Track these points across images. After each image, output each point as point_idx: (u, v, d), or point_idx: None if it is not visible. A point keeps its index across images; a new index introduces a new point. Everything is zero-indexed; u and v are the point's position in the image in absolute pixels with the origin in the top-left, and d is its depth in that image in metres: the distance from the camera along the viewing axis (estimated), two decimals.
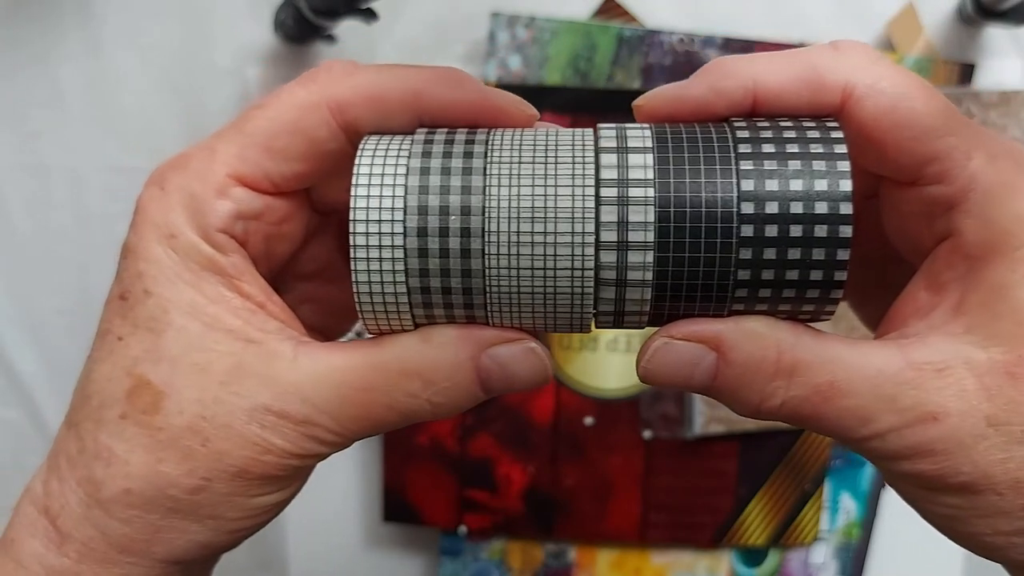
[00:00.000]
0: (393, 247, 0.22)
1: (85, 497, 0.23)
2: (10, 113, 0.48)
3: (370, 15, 0.43)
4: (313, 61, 0.48)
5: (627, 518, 0.48)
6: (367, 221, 0.22)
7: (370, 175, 0.22)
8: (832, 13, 0.48)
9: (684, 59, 0.47)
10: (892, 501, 0.50)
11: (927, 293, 0.23)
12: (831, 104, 0.22)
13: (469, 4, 0.47)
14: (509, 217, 0.21)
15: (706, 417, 0.47)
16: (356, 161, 0.22)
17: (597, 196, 0.21)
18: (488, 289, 0.22)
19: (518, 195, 0.21)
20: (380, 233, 0.22)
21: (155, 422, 0.23)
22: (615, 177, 0.21)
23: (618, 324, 0.23)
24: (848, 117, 0.22)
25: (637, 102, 0.24)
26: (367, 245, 0.22)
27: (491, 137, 0.23)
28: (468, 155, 0.22)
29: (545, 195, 0.21)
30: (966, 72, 0.47)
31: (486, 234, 0.21)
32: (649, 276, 0.21)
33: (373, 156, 0.22)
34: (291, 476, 0.24)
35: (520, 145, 0.22)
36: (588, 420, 0.47)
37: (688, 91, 0.23)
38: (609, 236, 0.21)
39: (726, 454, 0.48)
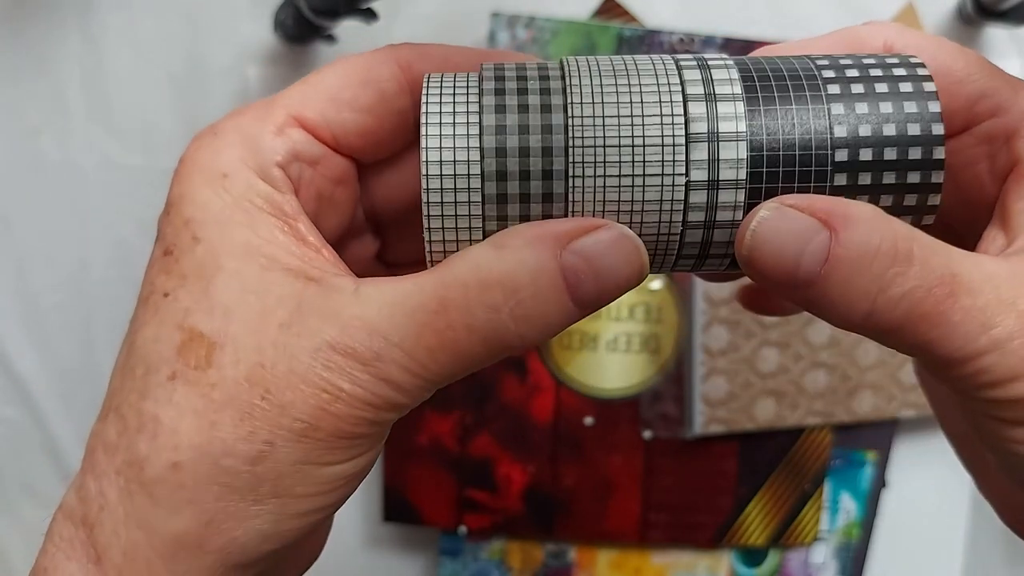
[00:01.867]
0: (468, 148, 0.20)
1: (126, 485, 0.20)
2: (10, 111, 0.48)
3: (370, 15, 0.43)
4: (313, 61, 0.48)
5: (627, 518, 0.48)
6: (440, 123, 0.20)
7: (441, 85, 0.21)
8: (832, 13, 0.48)
9: None
10: (892, 501, 0.50)
11: (1003, 232, 0.22)
12: None
13: (469, 4, 0.47)
14: (594, 114, 0.20)
15: (706, 417, 0.47)
16: (426, 78, 0.21)
17: (679, 73, 0.21)
18: (572, 187, 0.20)
19: (601, 89, 0.20)
20: (455, 135, 0.20)
21: (208, 377, 0.20)
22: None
23: (710, 221, 0.21)
24: None
25: None
26: (440, 147, 0.20)
27: (567, 67, 0.21)
28: (543, 67, 0.21)
29: (629, 84, 0.20)
30: None
31: (569, 128, 0.20)
32: (743, 152, 0.20)
33: (442, 77, 0.21)
34: (363, 436, 0.21)
35: (600, 75, 0.21)
36: (588, 420, 0.47)
37: None
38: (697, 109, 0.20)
39: (726, 454, 0.48)
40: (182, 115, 0.48)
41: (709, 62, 0.22)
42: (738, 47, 0.47)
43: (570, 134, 0.20)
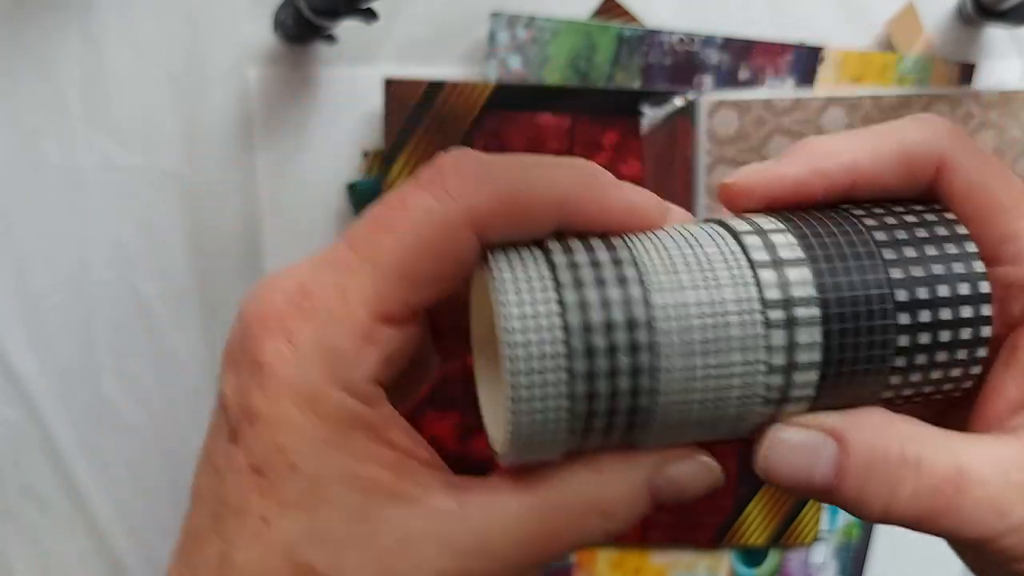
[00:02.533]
0: (557, 369, 0.20)
1: None
2: (10, 112, 0.48)
3: (370, 15, 0.43)
4: (313, 61, 0.48)
5: None
6: (526, 345, 0.20)
7: (518, 291, 0.21)
8: (832, 13, 0.48)
9: (684, 59, 0.47)
10: None
11: (1016, 384, 0.22)
12: (926, 179, 0.23)
13: (469, 4, 0.47)
14: (679, 329, 0.21)
15: None
16: (496, 278, 0.21)
17: (761, 297, 0.21)
18: (656, 407, 0.21)
19: (684, 302, 0.21)
20: (544, 356, 0.20)
21: None
22: (776, 282, 0.21)
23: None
24: (939, 191, 0.23)
25: (727, 182, 0.23)
26: (527, 371, 0.20)
27: (631, 245, 0.22)
28: (617, 263, 0.21)
29: (712, 300, 0.21)
30: (966, 72, 0.47)
31: (655, 345, 0.21)
32: (817, 356, 0.21)
33: (512, 270, 0.21)
34: None
35: (667, 250, 0.22)
36: None
37: (786, 171, 0.23)
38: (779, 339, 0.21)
39: (726, 454, 0.48)
40: (182, 115, 0.48)
41: (772, 238, 0.22)
42: (738, 47, 0.47)
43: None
